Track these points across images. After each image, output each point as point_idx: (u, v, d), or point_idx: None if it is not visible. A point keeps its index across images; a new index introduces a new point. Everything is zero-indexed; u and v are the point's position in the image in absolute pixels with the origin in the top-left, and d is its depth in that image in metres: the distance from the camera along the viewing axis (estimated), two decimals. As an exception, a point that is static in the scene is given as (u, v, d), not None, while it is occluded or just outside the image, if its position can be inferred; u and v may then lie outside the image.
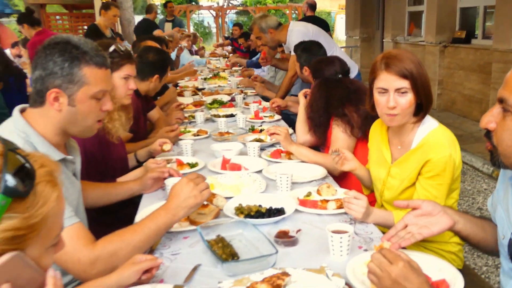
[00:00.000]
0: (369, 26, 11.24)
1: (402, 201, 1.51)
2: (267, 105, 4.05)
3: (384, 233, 1.75)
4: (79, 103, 1.48)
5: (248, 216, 1.76)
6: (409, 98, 1.80)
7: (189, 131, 3.23)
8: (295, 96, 3.71)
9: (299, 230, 1.66)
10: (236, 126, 3.38)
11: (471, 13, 7.61)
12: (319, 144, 2.92)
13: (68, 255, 1.33)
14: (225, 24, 8.96)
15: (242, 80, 5.35)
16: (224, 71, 6.78)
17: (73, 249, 1.34)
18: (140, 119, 3.07)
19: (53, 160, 0.85)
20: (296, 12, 22.33)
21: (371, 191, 2.25)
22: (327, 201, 1.89)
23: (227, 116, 3.61)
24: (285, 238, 1.60)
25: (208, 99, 4.39)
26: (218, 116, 3.61)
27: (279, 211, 1.80)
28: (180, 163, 2.49)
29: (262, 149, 2.74)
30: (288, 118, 3.99)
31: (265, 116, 3.66)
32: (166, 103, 3.90)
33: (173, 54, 6.49)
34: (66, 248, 0.96)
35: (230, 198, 1.94)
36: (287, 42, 4.34)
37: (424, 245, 1.90)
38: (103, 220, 2.05)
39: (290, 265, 1.41)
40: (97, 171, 2.20)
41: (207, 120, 3.64)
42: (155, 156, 2.59)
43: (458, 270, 1.37)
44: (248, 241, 1.60)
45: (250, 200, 1.91)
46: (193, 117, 3.65)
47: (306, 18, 9.10)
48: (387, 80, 1.80)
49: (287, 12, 21.06)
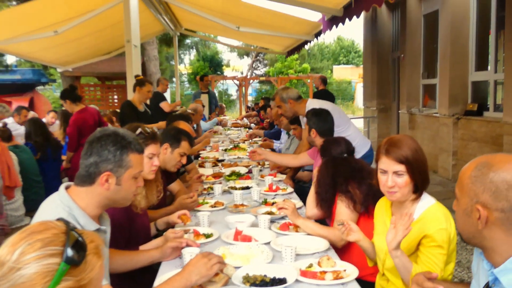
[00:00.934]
0: (386, 97, 11.63)
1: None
2: (282, 177, 4.40)
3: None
4: (124, 183, 1.82)
5: (253, 285, 1.98)
6: (405, 179, 2.10)
7: (207, 203, 3.50)
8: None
9: (297, 298, 1.87)
10: (251, 199, 3.65)
11: (482, 87, 7.91)
12: (326, 217, 3.14)
13: None
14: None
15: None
16: (244, 142, 7.12)
17: None
18: (160, 192, 3.37)
19: (99, 237, 1.15)
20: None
21: (375, 263, 2.45)
22: (326, 273, 2.10)
23: (243, 189, 3.88)
24: (284, 305, 1.81)
25: (227, 171, 4.69)
26: (235, 189, 3.89)
27: (281, 281, 2.02)
28: (197, 234, 2.74)
29: (272, 222, 2.98)
30: (302, 190, 4.24)
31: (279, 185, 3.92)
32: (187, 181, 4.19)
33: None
34: None
35: (239, 268, 2.17)
36: (305, 115, 4.68)
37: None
38: (124, 285, 2.30)
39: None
40: (123, 239, 2.47)
41: (225, 192, 3.92)
42: (174, 226, 2.86)
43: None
44: (252, 308, 1.81)
45: (257, 270, 2.14)
46: (212, 189, 3.93)
47: (318, 92, 9.72)
48: (387, 164, 2.13)
49: (308, 82, 21.79)
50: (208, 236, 2.73)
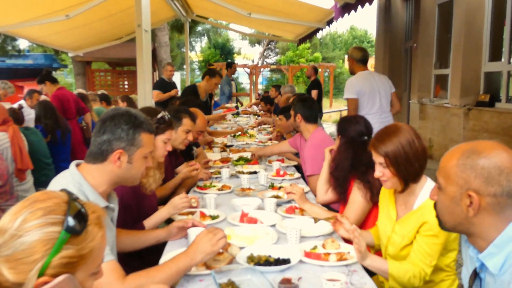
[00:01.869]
0: (397, 87, 11.46)
1: None
2: (290, 163, 4.43)
3: (380, 284, 1.98)
4: (135, 161, 1.85)
5: (258, 264, 2.00)
6: (389, 171, 2.12)
7: (214, 186, 3.53)
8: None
9: (300, 278, 1.89)
10: (258, 183, 3.66)
11: (495, 78, 7.81)
12: (338, 202, 3.12)
13: (102, 286, 1.61)
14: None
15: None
16: (253, 129, 7.14)
17: (107, 282, 1.62)
18: (169, 173, 3.40)
19: (101, 208, 1.16)
20: (328, 71, 23.00)
21: (376, 250, 2.46)
22: (329, 254, 2.11)
23: (250, 173, 3.90)
24: (287, 284, 1.82)
25: (235, 156, 4.71)
26: (242, 173, 3.90)
27: (285, 261, 2.03)
28: (203, 215, 2.77)
29: (279, 205, 2.99)
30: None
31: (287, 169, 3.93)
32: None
33: None
34: (101, 280, 1.26)
35: (244, 248, 2.19)
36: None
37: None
38: (131, 264, 2.32)
39: (288, 307, 1.64)
40: (131, 219, 2.50)
41: (232, 176, 3.94)
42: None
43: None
44: (255, 286, 1.83)
45: (261, 251, 2.16)
46: (219, 173, 3.95)
47: (312, 82, 9.80)
48: (374, 155, 2.17)
49: (320, 71, 21.73)
50: (214, 218, 2.75)
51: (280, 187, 3.46)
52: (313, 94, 10.05)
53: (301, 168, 4.63)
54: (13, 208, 1.06)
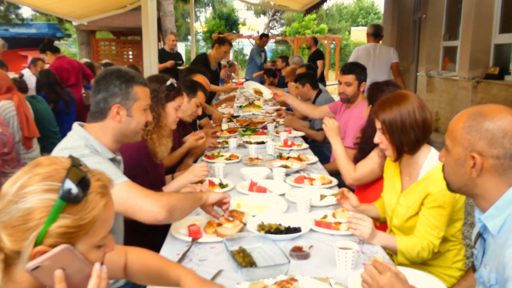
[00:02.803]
0: (405, 59, 11.38)
1: None
2: (297, 134, 4.40)
3: (390, 254, 1.97)
4: (135, 114, 1.89)
5: (268, 232, 2.00)
6: (386, 138, 2.11)
7: (222, 155, 3.52)
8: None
9: (311, 246, 1.89)
10: (266, 153, 3.64)
11: (505, 50, 7.69)
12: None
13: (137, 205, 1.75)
14: (264, 53, 9.44)
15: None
16: (259, 100, 7.08)
17: (140, 200, 1.76)
18: (176, 142, 3.38)
19: (108, 177, 1.09)
20: (334, 43, 22.70)
21: (381, 222, 2.45)
22: (340, 223, 2.11)
23: (258, 143, 3.88)
24: (298, 252, 1.83)
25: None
26: (250, 143, 3.89)
27: (296, 229, 2.03)
28: (212, 184, 2.77)
29: (287, 175, 2.98)
30: (316, 149, 4.23)
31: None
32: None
33: None
34: (133, 201, 1.64)
35: (254, 216, 2.19)
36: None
37: (427, 268, 2.08)
38: (138, 240, 2.30)
39: (299, 274, 1.64)
40: (148, 185, 2.48)
41: (239, 146, 3.92)
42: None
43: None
44: (266, 253, 1.83)
45: (272, 219, 2.16)
46: (227, 143, 3.93)
47: (313, 54, 9.77)
48: (376, 121, 2.15)
49: (325, 43, 21.44)
50: (223, 186, 2.75)
51: (288, 157, 3.44)
52: (319, 64, 9.92)
53: (308, 139, 4.63)
54: (17, 173, 1.01)
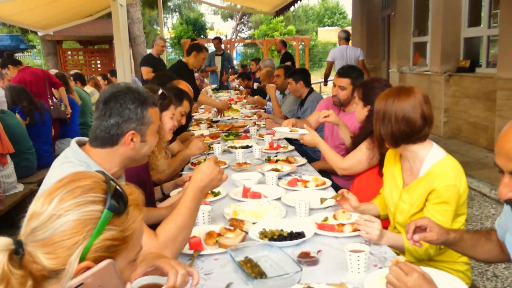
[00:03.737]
0: (375, 57, 11.52)
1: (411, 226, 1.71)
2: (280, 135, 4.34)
3: (397, 253, 1.93)
4: (148, 138, 1.72)
5: (272, 240, 1.93)
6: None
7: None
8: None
9: (320, 251, 1.83)
10: (253, 157, 3.58)
11: (475, 43, 7.85)
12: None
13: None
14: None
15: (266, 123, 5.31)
16: (236, 104, 7.02)
17: (144, 243, 1.54)
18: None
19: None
20: (303, 44, 22.82)
21: (384, 219, 2.41)
22: (343, 225, 2.05)
23: (244, 148, 3.80)
24: (307, 258, 1.76)
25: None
26: (235, 148, 3.81)
27: (300, 235, 1.97)
28: (204, 192, 2.68)
29: (279, 178, 2.92)
30: (300, 149, 4.18)
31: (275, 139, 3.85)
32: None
33: None
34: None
35: (254, 223, 2.12)
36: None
37: (434, 264, 2.05)
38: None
39: (313, 282, 1.58)
40: (146, 198, 2.40)
41: (224, 152, 3.84)
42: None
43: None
44: (274, 262, 1.76)
45: (272, 225, 2.08)
46: (211, 148, 3.84)
47: (283, 56, 9.90)
48: None
49: (294, 44, 21.53)
50: (216, 194, 2.66)
51: (277, 160, 3.38)
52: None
53: (293, 141, 4.57)
54: (44, 192, 0.96)
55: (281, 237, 1.94)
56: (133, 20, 13.07)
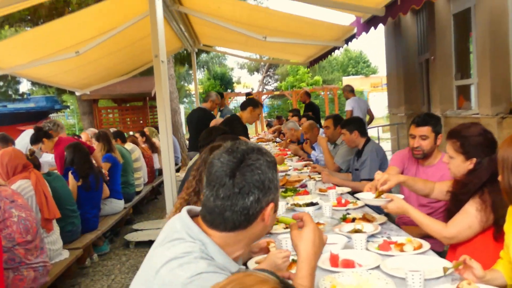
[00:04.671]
0: (414, 102, 11.22)
1: None
2: (343, 189, 4.03)
3: None
4: (278, 205, 1.41)
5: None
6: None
7: (277, 223, 3.08)
8: None
9: None
10: (322, 216, 3.23)
11: (526, 83, 7.50)
12: None
13: None
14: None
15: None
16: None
17: None
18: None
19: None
20: (331, 93, 22.80)
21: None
22: (478, 303, 1.68)
23: (309, 205, 3.46)
24: None
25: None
26: (300, 206, 3.48)
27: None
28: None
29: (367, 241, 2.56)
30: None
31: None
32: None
33: None
34: None
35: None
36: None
37: None
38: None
39: None
40: None
41: (288, 210, 3.51)
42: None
43: None
44: None
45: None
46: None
47: (307, 106, 10.11)
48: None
49: (322, 94, 21.51)
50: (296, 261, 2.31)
51: (354, 219, 3.03)
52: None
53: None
54: None
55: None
56: (167, 77, 13.20)
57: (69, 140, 5.87)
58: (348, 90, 9.87)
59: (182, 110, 19.70)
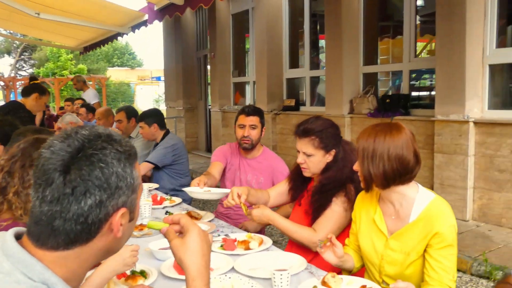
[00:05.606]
0: (192, 96, 11.46)
1: None
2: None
3: None
4: (136, 212, 1.04)
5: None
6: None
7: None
8: None
9: None
10: (141, 216, 2.90)
11: (295, 83, 8.41)
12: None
13: None
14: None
15: None
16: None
17: None
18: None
19: None
20: (100, 83, 21.69)
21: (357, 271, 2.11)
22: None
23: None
24: None
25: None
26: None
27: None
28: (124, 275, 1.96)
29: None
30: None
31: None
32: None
33: None
34: None
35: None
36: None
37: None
38: None
39: None
40: None
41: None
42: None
43: None
44: None
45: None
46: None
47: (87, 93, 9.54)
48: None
49: (90, 83, 20.24)
50: (144, 276, 1.97)
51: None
52: (97, 106, 9.19)
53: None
54: None
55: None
56: None
57: None
58: (83, 81, 9.37)
59: None
